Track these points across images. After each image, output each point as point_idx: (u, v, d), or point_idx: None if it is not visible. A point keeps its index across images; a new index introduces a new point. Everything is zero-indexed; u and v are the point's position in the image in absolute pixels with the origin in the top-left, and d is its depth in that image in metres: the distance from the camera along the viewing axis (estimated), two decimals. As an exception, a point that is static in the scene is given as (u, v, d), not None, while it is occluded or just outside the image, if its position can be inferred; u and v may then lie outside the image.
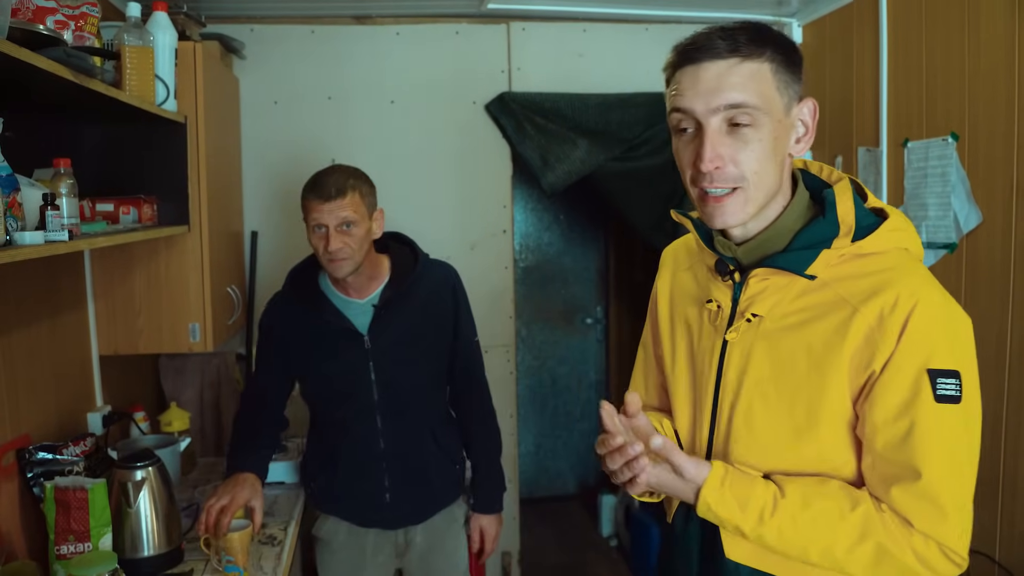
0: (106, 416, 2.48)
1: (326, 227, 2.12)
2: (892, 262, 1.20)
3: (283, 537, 2.25)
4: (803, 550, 1.19)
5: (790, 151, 1.23)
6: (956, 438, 1.15)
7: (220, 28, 3.15)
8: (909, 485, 1.15)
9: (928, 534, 1.14)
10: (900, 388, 1.15)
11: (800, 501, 1.18)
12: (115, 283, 2.55)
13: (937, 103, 2.66)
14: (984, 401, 2.47)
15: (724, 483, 1.21)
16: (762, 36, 1.18)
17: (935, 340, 1.14)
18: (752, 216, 1.22)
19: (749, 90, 1.15)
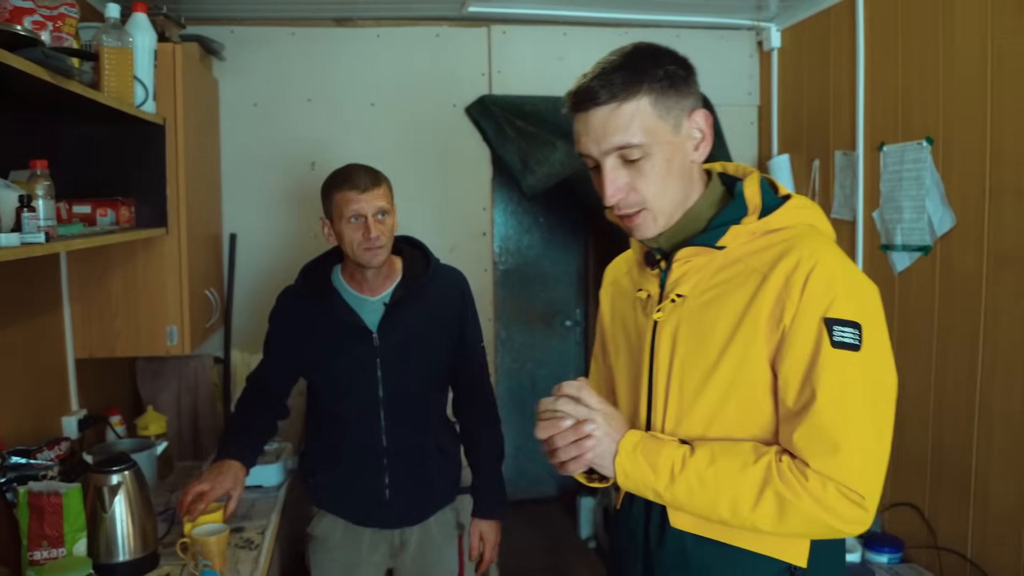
0: (81, 420, 2.46)
1: (364, 217, 2.16)
2: (794, 234, 1.29)
3: (260, 541, 2.24)
4: (712, 506, 1.24)
5: (692, 159, 1.33)
6: (852, 381, 1.20)
7: (200, 30, 3.13)
8: (806, 425, 1.20)
9: (822, 472, 1.18)
10: (802, 338, 1.22)
11: (707, 458, 1.24)
12: (92, 285, 2.53)
13: (913, 108, 2.69)
14: (955, 401, 2.52)
15: (636, 448, 1.27)
16: (638, 72, 1.27)
17: (833, 292, 1.21)
18: (665, 226, 1.34)
19: (632, 130, 1.26)
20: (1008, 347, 2.32)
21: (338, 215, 2.19)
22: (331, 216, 2.23)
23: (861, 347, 1.20)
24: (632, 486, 1.29)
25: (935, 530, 2.60)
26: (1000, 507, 2.35)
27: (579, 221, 5.24)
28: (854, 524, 1.19)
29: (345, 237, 2.19)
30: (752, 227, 1.31)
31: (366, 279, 2.27)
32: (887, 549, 2.63)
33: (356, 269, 2.28)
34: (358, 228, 2.16)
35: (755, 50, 3.68)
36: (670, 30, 3.58)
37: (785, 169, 3.39)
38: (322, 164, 3.37)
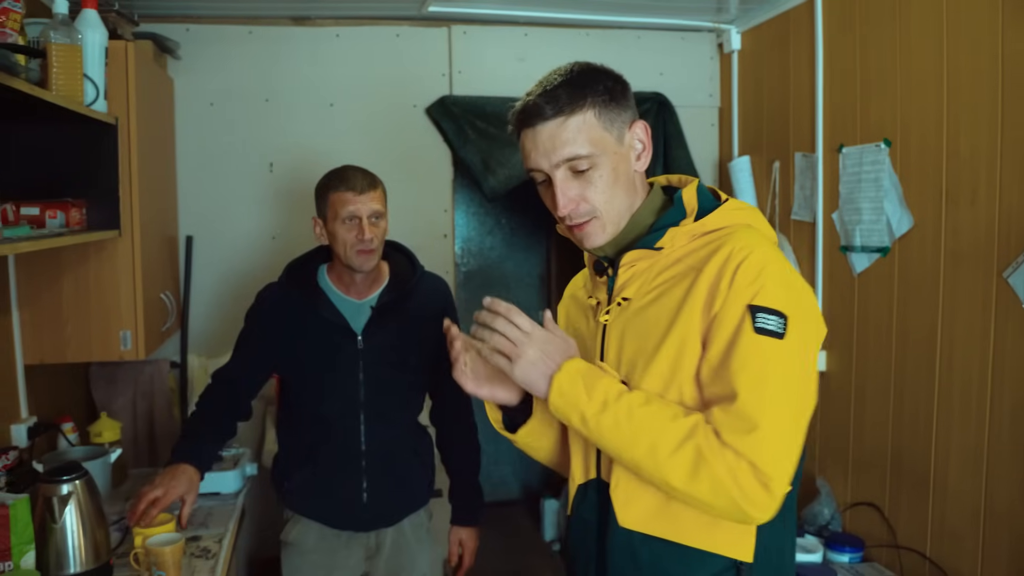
0: (31, 428, 2.39)
1: (359, 218, 2.19)
2: (729, 232, 1.34)
3: (217, 550, 2.20)
4: (632, 444, 1.25)
5: (634, 168, 1.40)
6: (772, 367, 1.23)
7: (154, 27, 3.06)
8: (725, 404, 1.23)
9: (735, 447, 1.20)
10: (727, 323, 1.26)
11: (642, 399, 1.27)
12: (41, 290, 2.46)
13: (871, 110, 2.72)
14: (914, 401, 2.55)
15: (579, 372, 1.30)
16: (581, 87, 1.33)
17: (761, 281, 1.25)
18: (614, 234, 1.40)
19: (579, 141, 1.32)
20: (965, 347, 2.35)
21: (332, 215, 2.21)
22: (324, 216, 2.25)
23: (785, 336, 1.24)
24: (563, 406, 1.29)
25: (895, 529, 2.62)
26: (958, 506, 2.38)
27: (541, 223, 5.23)
28: (757, 506, 1.20)
29: (338, 238, 2.20)
30: (689, 229, 1.36)
31: (354, 282, 2.30)
32: (848, 548, 2.64)
33: (344, 271, 2.29)
34: (352, 229, 2.19)
35: (716, 52, 3.69)
36: (631, 31, 3.58)
37: (746, 171, 3.40)
38: (280, 165, 3.33)
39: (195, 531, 2.31)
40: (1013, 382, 2.19)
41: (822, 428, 2.99)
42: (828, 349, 2.96)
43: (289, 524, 2.37)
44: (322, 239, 2.28)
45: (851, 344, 2.84)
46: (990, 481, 2.27)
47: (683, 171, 3.54)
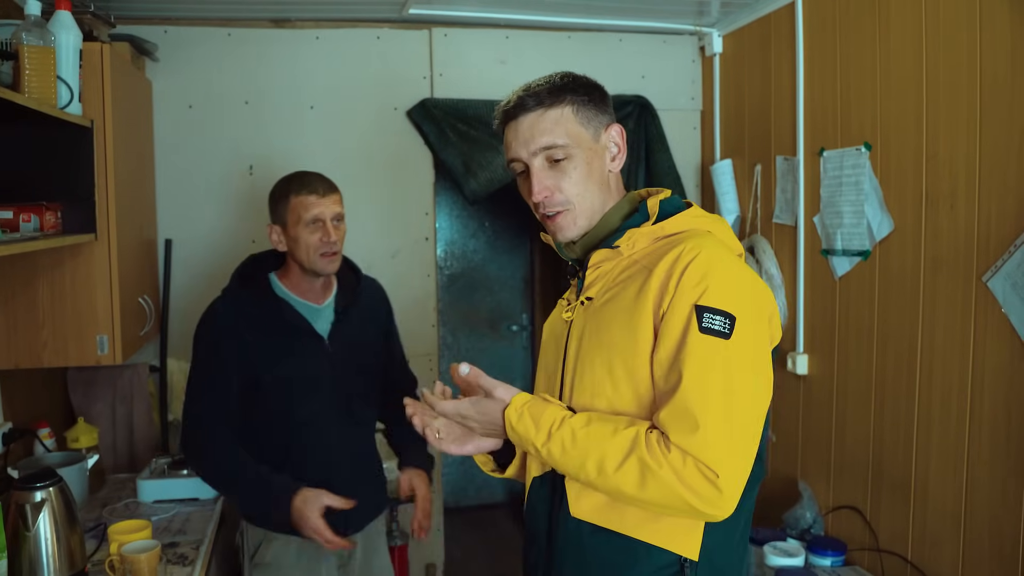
0: (6, 433, 2.36)
1: (323, 221, 2.21)
2: (692, 234, 1.40)
3: (195, 556, 2.18)
4: (581, 464, 1.30)
5: (609, 169, 1.48)
6: (716, 367, 1.26)
7: (131, 29, 3.03)
8: (671, 404, 1.26)
9: (681, 446, 1.23)
10: (674, 323, 1.29)
11: (583, 420, 1.32)
12: (16, 294, 2.43)
13: (851, 113, 2.72)
14: (895, 405, 2.55)
15: (524, 406, 1.37)
16: (561, 87, 1.44)
17: (708, 282, 1.29)
18: (586, 228, 1.47)
19: (556, 132, 1.42)
20: (945, 350, 2.35)
21: (294, 220, 2.20)
22: (284, 222, 2.23)
23: (731, 337, 1.27)
24: (517, 439, 1.37)
25: (876, 532, 2.63)
26: (939, 509, 2.38)
27: (525, 226, 5.23)
28: (709, 503, 1.23)
29: (301, 242, 2.20)
30: (648, 231, 1.42)
31: (312, 287, 2.30)
32: (830, 552, 2.64)
33: (302, 277, 2.28)
34: (316, 232, 2.20)
35: (697, 55, 3.69)
36: (612, 34, 3.58)
37: (728, 174, 3.41)
38: (260, 168, 3.31)
39: (172, 537, 2.29)
40: (993, 386, 2.20)
41: (804, 432, 2.99)
42: (809, 353, 2.97)
43: (263, 546, 2.29)
44: (280, 246, 2.26)
45: (832, 348, 2.84)
46: (970, 485, 2.27)
47: (665, 174, 3.55)
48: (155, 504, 2.56)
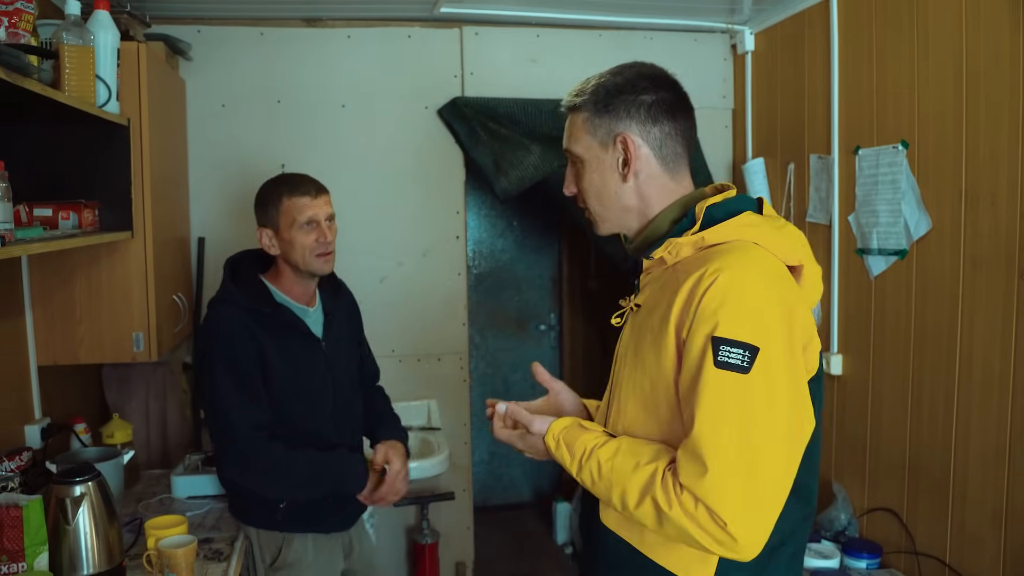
0: (44, 429, 2.39)
1: (317, 222, 2.21)
2: (729, 248, 1.30)
3: (230, 552, 2.19)
4: (608, 496, 1.31)
5: (623, 177, 1.42)
6: (729, 404, 1.20)
7: (166, 29, 3.06)
8: (685, 443, 1.23)
9: (692, 490, 1.19)
10: (692, 355, 1.25)
11: (611, 451, 1.31)
12: (54, 290, 2.46)
13: (888, 111, 2.69)
14: (933, 406, 2.51)
15: (560, 435, 1.39)
16: (582, 92, 1.44)
17: (724, 311, 1.22)
18: (612, 231, 1.48)
19: (572, 138, 1.46)
20: (984, 350, 2.32)
21: (288, 222, 2.20)
22: (276, 225, 2.22)
23: (750, 371, 1.20)
24: (558, 461, 1.40)
25: (913, 535, 2.59)
26: (978, 511, 2.35)
27: (553, 225, 5.22)
28: (725, 548, 1.19)
29: (297, 244, 2.20)
30: (689, 240, 1.35)
31: (305, 290, 2.32)
32: (865, 554, 2.61)
33: (296, 281, 2.29)
34: (312, 233, 2.20)
35: (729, 53, 3.67)
36: (643, 33, 3.57)
37: (760, 173, 3.38)
38: (292, 166, 3.31)
39: (207, 533, 2.31)
40: (1034, 386, 2.16)
41: (838, 433, 2.96)
42: (843, 353, 2.94)
43: (284, 547, 2.28)
44: (272, 250, 2.25)
45: (867, 348, 2.81)
46: (1011, 485, 2.24)
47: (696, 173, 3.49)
48: (189, 500, 2.57)
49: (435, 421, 3.46)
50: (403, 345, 3.49)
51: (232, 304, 2.19)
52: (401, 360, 3.49)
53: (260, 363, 2.18)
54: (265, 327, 2.19)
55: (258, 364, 2.18)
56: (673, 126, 1.41)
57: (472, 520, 3.68)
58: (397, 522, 3.52)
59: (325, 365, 2.31)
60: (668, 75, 1.45)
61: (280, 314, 2.23)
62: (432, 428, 3.42)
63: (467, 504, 3.62)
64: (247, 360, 2.16)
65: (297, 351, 2.25)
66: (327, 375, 2.31)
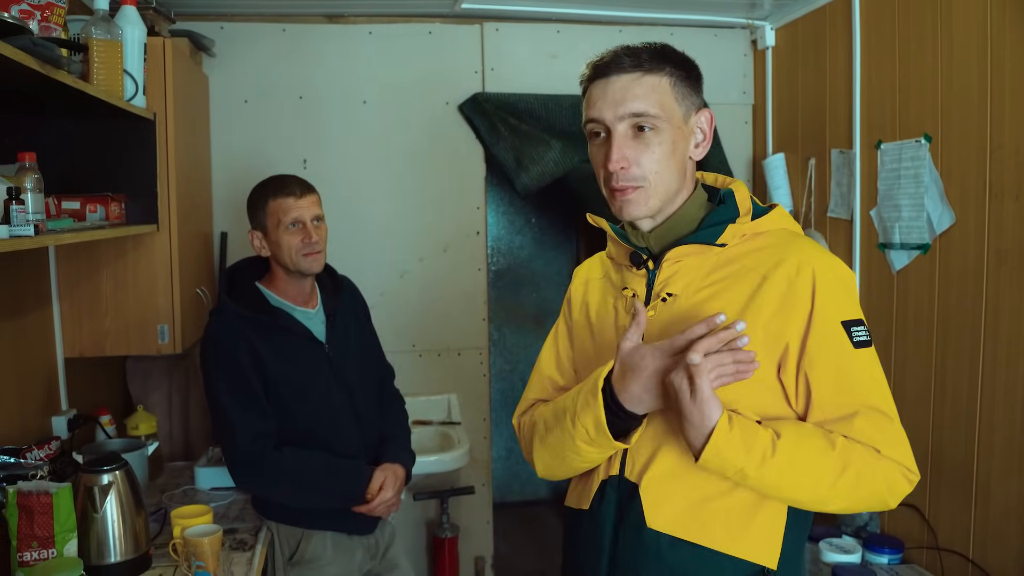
0: (71, 420, 2.42)
1: (303, 222, 2.21)
2: (784, 238, 1.38)
3: (254, 542, 2.21)
4: (795, 487, 1.27)
5: (690, 155, 1.39)
6: (881, 375, 1.32)
7: (190, 25, 3.08)
8: (865, 418, 1.28)
9: (895, 459, 1.28)
10: (825, 344, 1.28)
11: (793, 441, 1.26)
12: (81, 283, 2.49)
13: (910, 105, 2.68)
14: (955, 401, 2.51)
15: (733, 425, 1.23)
16: (663, 54, 1.35)
17: (843, 294, 1.31)
18: (655, 210, 1.39)
19: (650, 100, 1.32)
20: (1009, 345, 2.31)
21: (274, 223, 2.22)
22: (264, 227, 2.24)
23: (871, 342, 1.32)
24: (717, 462, 1.23)
25: (936, 530, 2.58)
26: (1002, 506, 2.34)
27: (571, 222, 5.22)
28: (900, 498, 1.31)
29: (283, 244, 2.21)
30: (744, 228, 1.37)
31: (301, 291, 2.31)
32: (887, 550, 2.60)
33: (290, 283, 2.29)
34: (297, 234, 2.21)
35: (749, 49, 3.66)
36: (664, 28, 3.56)
37: (780, 168, 3.37)
38: (314, 162, 3.35)
39: (231, 523, 2.33)
40: (1059, 380, 2.15)
41: (859, 427, 2.95)
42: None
43: (303, 542, 2.30)
44: (263, 252, 2.27)
45: (890, 343, 2.80)
46: (1034, 481, 2.23)
47: (717, 169, 3.51)
48: (212, 491, 2.60)
49: (455, 415, 3.47)
50: (423, 340, 3.50)
51: (228, 314, 2.21)
52: (421, 355, 3.50)
53: (260, 371, 2.18)
54: (262, 334, 2.19)
55: (258, 372, 2.18)
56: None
57: (491, 515, 3.69)
58: (417, 516, 3.54)
59: (329, 369, 2.29)
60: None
61: (277, 319, 2.22)
62: (452, 422, 3.43)
63: (486, 499, 3.63)
64: (246, 369, 2.17)
65: (298, 356, 2.24)
66: (331, 379, 2.29)
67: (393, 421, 2.51)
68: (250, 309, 2.21)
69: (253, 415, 2.17)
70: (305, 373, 2.25)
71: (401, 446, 2.45)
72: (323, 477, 2.22)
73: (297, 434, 2.23)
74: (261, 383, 2.19)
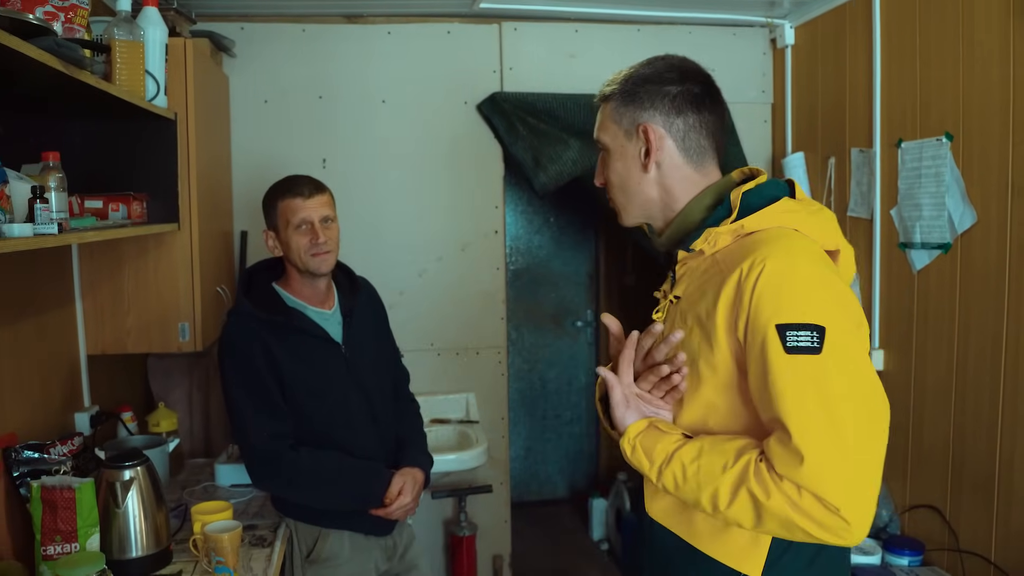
0: (94, 416, 2.45)
1: (311, 223, 2.20)
2: (769, 236, 1.31)
3: (273, 539, 2.22)
4: (696, 500, 1.27)
5: (645, 165, 1.43)
6: (811, 388, 1.18)
7: (210, 26, 3.11)
8: (776, 434, 1.20)
9: (793, 479, 1.16)
10: (757, 347, 1.23)
11: (693, 454, 1.27)
12: (103, 281, 2.51)
13: (931, 103, 2.66)
14: (977, 401, 2.49)
15: (636, 440, 1.34)
16: (613, 82, 1.47)
17: (783, 296, 1.22)
18: (636, 219, 1.49)
19: (600, 127, 1.48)
20: (1030, 344, 2.29)
21: (284, 223, 2.22)
22: (276, 227, 2.25)
23: (822, 350, 1.18)
24: (634, 463, 1.35)
25: (957, 532, 2.56)
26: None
27: (590, 221, 5.22)
28: (835, 533, 1.17)
29: (292, 245, 2.21)
30: (728, 228, 1.34)
31: (315, 292, 2.30)
32: (907, 552, 2.59)
33: (304, 283, 2.29)
34: (305, 234, 2.20)
35: (768, 47, 3.65)
36: (683, 27, 3.56)
37: (800, 167, 3.36)
38: (333, 161, 3.37)
39: (251, 520, 2.34)
40: (1082, 380, 2.13)
41: (878, 428, 2.93)
42: (885, 348, 2.91)
43: (319, 542, 2.30)
44: (276, 251, 2.27)
45: (910, 343, 2.78)
46: (1057, 482, 2.21)
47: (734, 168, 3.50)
48: (232, 488, 2.62)
49: (473, 414, 3.48)
50: (442, 339, 3.52)
51: (244, 315, 2.21)
52: (439, 354, 3.52)
53: (276, 372, 2.19)
54: (278, 334, 2.20)
55: (274, 373, 2.18)
56: (698, 118, 1.41)
57: (509, 513, 3.69)
58: (435, 514, 3.55)
59: (346, 370, 2.28)
60: (698, 67, 1.45)
61: (293, 320, 2.22)
62: (470, 421, 3.44)
63: (504, 497, 3.64)
64: (262, 370, 2.17)
65: (314, 357, 2.24)
66: (348, 380, 2.28)
67: (409, 425, 2.51)
68: (266, 310, 2.22)
69: (268, 415, 2.18)
70: (321, 374, 2.25)
71: (419, 450, 2.45)
72: (339, 478, 2.22)
73: (314, 436, 2.23)
74: (277, 384, 2.19)
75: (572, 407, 5.31)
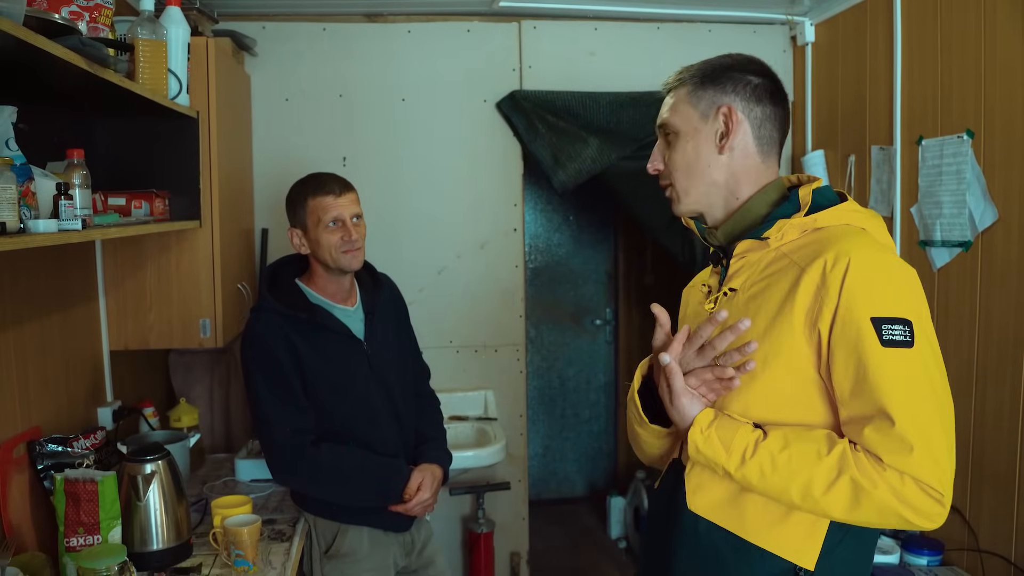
0: (116, 411, 2.48)
1: (342, 220, 2.23)
2: (839, 232, 1.34)
3: (292, 533, 2.24)
4: (784, 490, 1.27)
5: (719, 148, 1.44)
6: (911, 380, 1.23)
7: (232, 25, 3.15)
8: (875, 424, 1.22)
9: (898, 468, 1.20)
10: (849, 340, 1.25)
11: (780, 442, 1.28)
12: (126, 277, 2.55)
13: (952, 100, 2.64)
14: (998, 400, 2.47)
15: (711, 425, 1.33)
16: (685, 72, 1.49)
17: (877, 290, 1.25)
18: (693, 205, 1.49)
19: (671, 110, 1.49)
20: (1052, 343, 2.27)
21: (314, 222, 2.23)
22: (304, 225, 2.26)
23: (914, 344, 1.23)
24: (701, 458, 1.34)
25: (976, 532, 2.55)
26: (1043, 507, 2.30)
27: (609, 220, 5.22)
28: (931, 518, 1.21)
29: (323, 243, 2.23)
30: (799, 222, 1.37)
31: (340, 289, 2.32)
32: (926, 551, 2.57)
33: (329, 280, 2.30)
34: (337, 232, 2.22)
35: (788, 45, 3.63)
36: (702, 24, 3.55)
37: (819, 165, 3.34)
38: (354, 160, 3.39)
39: (270, 515, 2.37)
40: (1104, 380, 2.11)
41: (898, 427, 2.91)
42: (905, 346, 2.89)
43: (339, 536, 2.31)
44: (302, 249, 2.28)
45: (930, 341, 2.76)
46: (1078, 482, 2.19)
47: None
48: (252, 483, 2.64)
49: (491, 412, 3.49)
50: (460, 336, 3.53)
51: (268, 311, 2.23)
52: (459, 351, 3.53)
53: (299, 368, 2.20)
54: (301, 331, 2.21)
55: (297, 369, 2.20)
56: (773, 110, 1.45)
57: (527, 511, 3.70)
58: (453, 511, 3.57)
59: (368, 367, 2.30)
60: (769, 67, 1.49)
61: (316, 316, 2.23)
62: (488, 418, 3.45)
63: (522, 495, 3.65)
64: (285, 366, 2.19)
65: (336, 353, 2.26)
66: (370, 376, 2.30)
67: (429, 421, 2.53)
68: (289, 306, 2.24)
69: (291, 411, 2.20)
70: (343, 370, 2.26)
71: (439, 446, 2.47)
72: (360, 474, 2.24)
73: (335, 432, 2.25)
74: (300, 380, 2.21)
75: (591, 405, 5.31)
